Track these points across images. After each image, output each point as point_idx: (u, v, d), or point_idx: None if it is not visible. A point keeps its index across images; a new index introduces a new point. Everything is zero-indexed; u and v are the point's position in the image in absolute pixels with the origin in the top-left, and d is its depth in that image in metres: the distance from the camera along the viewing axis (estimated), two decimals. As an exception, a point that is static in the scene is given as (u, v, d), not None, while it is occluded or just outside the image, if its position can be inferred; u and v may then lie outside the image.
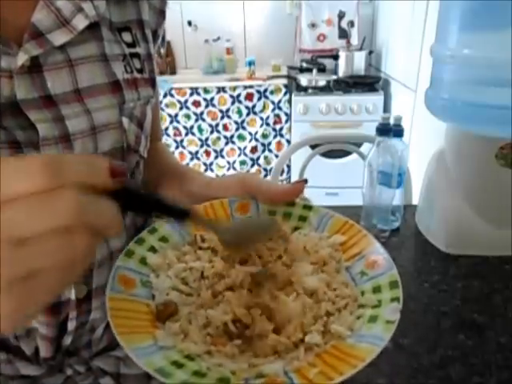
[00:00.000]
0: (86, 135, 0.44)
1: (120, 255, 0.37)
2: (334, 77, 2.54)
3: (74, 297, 0.48)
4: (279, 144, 2.65)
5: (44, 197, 0.22)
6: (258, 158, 2.72)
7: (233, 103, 2.57)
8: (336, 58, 2.60)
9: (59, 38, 0.42)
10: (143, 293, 0.35)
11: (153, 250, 0.39)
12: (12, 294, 0.23)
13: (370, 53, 2.66)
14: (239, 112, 2.59)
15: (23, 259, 0.22)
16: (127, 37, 0.50)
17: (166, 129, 2.63)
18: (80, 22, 0.43)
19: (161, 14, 0.55)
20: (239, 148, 2.69)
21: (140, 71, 0.51)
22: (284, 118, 2.59)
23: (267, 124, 2.61)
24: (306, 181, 0.43)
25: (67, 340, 0.50)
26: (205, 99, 2.56)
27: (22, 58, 0.40)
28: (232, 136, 2.67)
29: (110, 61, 0.47)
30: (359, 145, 1.69)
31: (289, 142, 2.62)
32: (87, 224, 0.24)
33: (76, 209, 0.23)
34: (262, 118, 2.60)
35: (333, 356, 0.30)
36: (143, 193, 0.32)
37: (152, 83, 0.54)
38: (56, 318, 0.49)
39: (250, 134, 2.65)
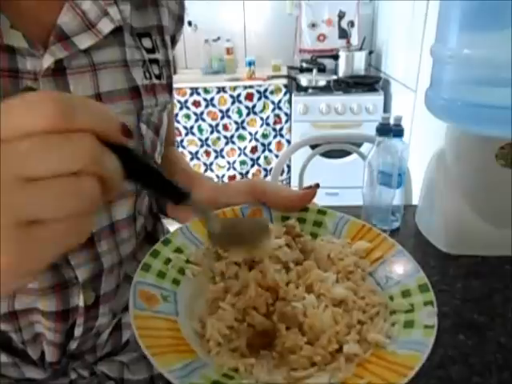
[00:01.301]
0: None
1: (137, 270, 0.36)
2: (334, 77, 2.53)
3: (82, 303, 0.48)
4: (279, 144, 2.65)
5: (62, 138, 0.22)
6: (258, 158, 2.72)
7: (233, 103, 2.57)
8: (336, 58, 2.60)
9: (84, 41, 0.42)
10: (167, 309, 0.34)
11: (169, 262, 0.39)
12: (14, 242, 0.21)
13: (370, 53, 2.66)
14: (239, 112, 2.59)
15: (30, 201, 0.21)
16: (147, 43, 0.50)
17: (166, 129, 2.63)
18: (105, 26, 0.43)
19: (179, 20, 0.55)
20: (239, 148, 2.69)
21: (158, 77, 0.51)
22: (284, 118, 2.58)
23: (267, 124, 2.61)
24: (318, 185, 0.42)
25: (73, 345, 0.50)
26: (205, 99, 2.56)
27: (47, 61, 0.39)
28: (232, 136, 2.67)
29: (130, 66, 0.47)
30: (359, 145, 1.69)
31: (289, 141, 2.62)
32: (97, 173, 0.23)
33: (92, 155, 0.22)
34: (261, 118, 2.60)
35: (376, 365, 0.30)
36: (146, 161, 0.30)
37: (169, 89, 0.54)
38: (64, 325, 0.49)
39: (250, 133, 2.65)
